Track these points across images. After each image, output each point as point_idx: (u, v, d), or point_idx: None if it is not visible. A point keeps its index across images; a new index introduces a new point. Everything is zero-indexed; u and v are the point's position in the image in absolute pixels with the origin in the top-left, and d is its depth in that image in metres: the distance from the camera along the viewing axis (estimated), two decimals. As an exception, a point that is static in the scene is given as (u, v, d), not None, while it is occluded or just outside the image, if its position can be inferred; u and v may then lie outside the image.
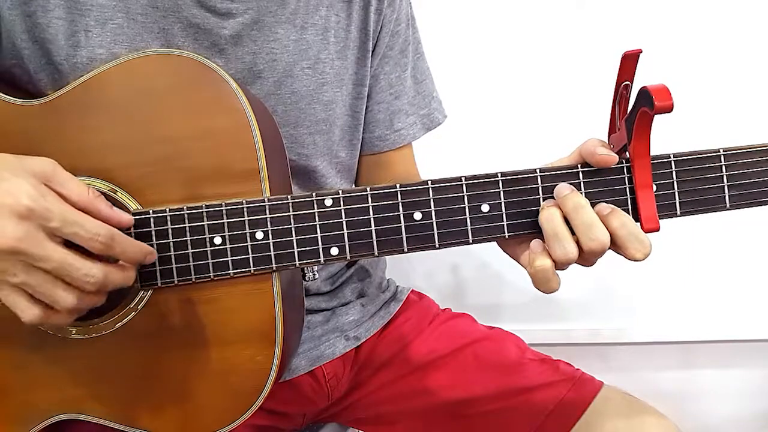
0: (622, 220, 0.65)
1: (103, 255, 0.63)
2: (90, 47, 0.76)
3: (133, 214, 0.69)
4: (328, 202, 0.69)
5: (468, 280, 1.52)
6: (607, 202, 0.67)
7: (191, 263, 0.70)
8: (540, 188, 0.67)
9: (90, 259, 0.62)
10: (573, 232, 0.66)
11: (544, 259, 0.66)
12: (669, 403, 1.05)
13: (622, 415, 0.88)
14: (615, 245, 0.65)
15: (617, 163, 0.67)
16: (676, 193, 0.67)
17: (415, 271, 1.52)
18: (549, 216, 0.66)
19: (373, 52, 0.93)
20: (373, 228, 0.69)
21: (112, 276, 0.63)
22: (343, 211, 0.69)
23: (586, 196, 0.67)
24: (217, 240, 0.70)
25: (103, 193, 0.70)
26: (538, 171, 0.67)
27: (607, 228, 0.65)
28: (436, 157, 1.05)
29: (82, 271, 0.60)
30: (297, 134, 0.87)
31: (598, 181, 0.67)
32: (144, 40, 0.78)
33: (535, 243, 0.67)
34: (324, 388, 0.96)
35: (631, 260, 0.64)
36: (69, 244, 0.61)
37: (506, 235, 0.68)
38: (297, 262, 0.70)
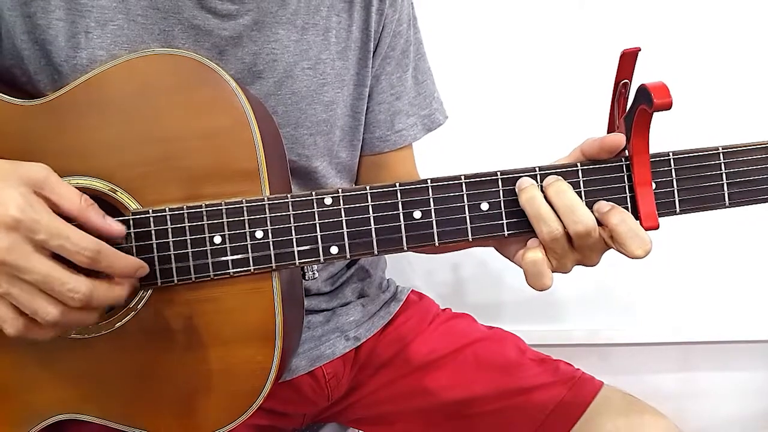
0: (622, 217, 0.65)
1: (90, 269, 0.62)
2: (90, 49, 0.76)
3: (133, 214, 0.69)
4: (328, 201, 0.69)
5: (468, 280, 1.52)
6: (606, 200, 0.67)
7: (191, 263, 0.70)
8: (540, 186, 0.67)
9: (77, 273, 0.60)
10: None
11: (536, 252, 0.66)
12: (669, 403, 1.05)
13: (622, 415, 0.88)
14: (615, 243, 0.65)
15: (616, 161, 0.67)
16: (676, 191, 0.67)
17: (415, 271, 1.52)
18: (530, 197, 0.66)
19: (374, 52, 0.93)
20: (372, 227, 0.69)
21: (98, 292, 0.61)
22: (342, 209, 0.69)
23: (585, 194, 0.67)
24: (217, 239, 0.70)
25: (102, 193, 0.70)
26: (537, 169, 0.67)
27: (606, 225, 0.65)
28: (437, 158, 1.05)
29: (66, 286, 0.59)
30: (297, 135, 0.87)
31: (598, 179, 0.67)
32: (144, 42, 0.78)
33: (532, 240, 0.67)
34: (324, 389, 0.96)
35: (632, 258, 0.64)
36: (59, 257, 0.60)
37: (506, 233, 0.68)
38: (297, 261, 0.70)
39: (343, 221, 0.69)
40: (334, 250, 0.70)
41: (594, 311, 1.52)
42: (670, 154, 0.67)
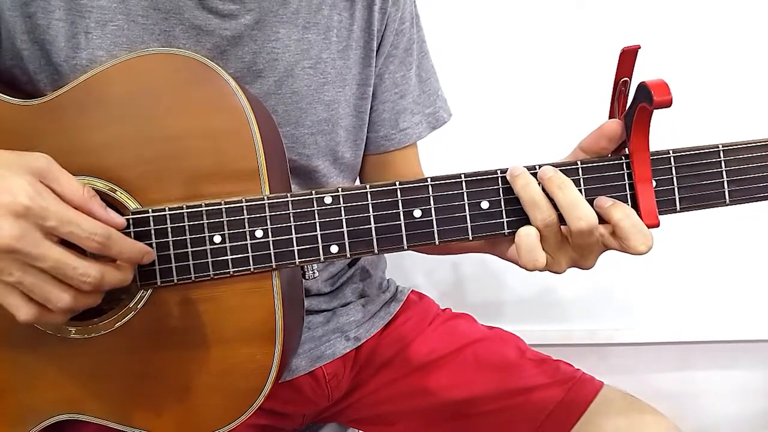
0: (626, 212, 0.65)
1: (99, 254, 0.62)
2: (90, 49, 0.77)
3: (132, 213, 0.69)
4: (328, 200, 0.69)
5: (468, 279, 1.53)
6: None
7: (191, 262, 0.70)
8: (540, 184, 0.67)
9: (87, 258, 0.61)
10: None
11: (530, 227, 0.66)
12: (668, 403, 1.05)
13: (622, 415, 0.88)
14: (617, 239, 0.65)
15: (616, 159, 0.67)
16: (676, 189, 0.67)
17: (416, 270, 1.52)
18: (524, 184, 0.66)
19: (377, 51, 0.93)
20: (372, 225, 0.69)
21: (109, 276, 0.63)
22: (342, 208, 0.69)
23: (585, 192, 0.67)
24: (217, 239, 0.69)
25: (102, 192, 0.70)
26: (537, 167, 0.67)
27: (609, 221, 0.65)
28: (440, 156, 1.05)
29: (78, 271, 0.60)
30: (298, 134, 0.87)
31: (598, 177, 0.67)
32: (145, 42, 0.78)
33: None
34: (324, 389, 0.96)
35: (635, 254, 0.64)
36: (66, 244, 0.61)
37: (506, 231, 0.68)
38: (297, 261, 0.70)
39: (343, 220, 0.69)
40: (334, 249, 0.69)
41: (594, 311, 1.53)
42: (671, 151, 0.67)
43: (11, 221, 0.57)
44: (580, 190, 0.67)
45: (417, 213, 0.69)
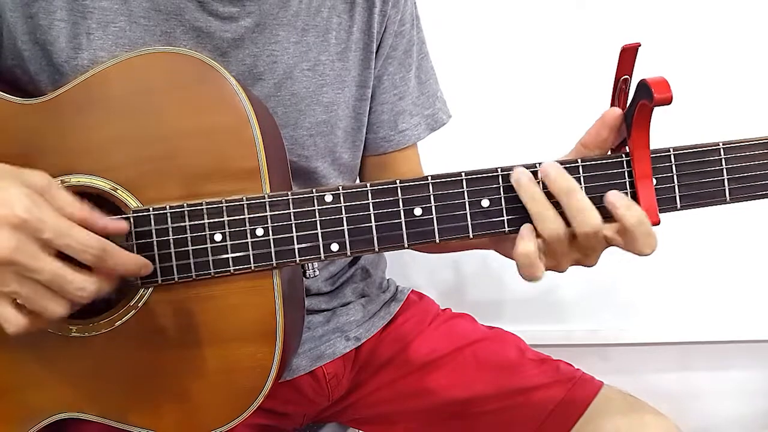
0: (641, 219, 0.64)
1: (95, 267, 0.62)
2: (91, 50, 0.77)
3: (133, 212, 0.69)
4: (329, 198, 0.69)
5: (468, 279, 1.52)
6: None
7: (191, 260, 0.70)
8: (540, 182, 0.67)
9: (83, 271, 0.61)
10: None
11: (528, 243, 0.66)
12: (669, 403, 1.05)
13: (622, 415, 0.88)
14: (625, 238, 0.65)
15: (617, 157, 0.67)
16: (676, 187, 0.67)
17: (416, 269, 1.51)
18: (531, 196, 0.66)
19: (376, 53, 0.93)
20: (373, 223, 0.69)
21: (105, 289, 0.63)
22: (343, 207, 0.69)
23: (585, 190, 0.66)
24: (218, 237, 0.69)
25: (103, 191, 0.70)
26: (538, 165, 0.67)
27: (619, 221, 0.65)
28: (440, 156, 1.05)
29: (74, 284, 0.60)
30: (297, 135, 0.87)
31: (598, 175, 0.67)
32: (146, 44, 0.78)
33: (525, 228, 0.67)
34: (324, 388, 0.96)
35: (639, 255, 0.64)
36: (64, 255, 0.60)
37: (506, 230, 0.68)
38: (297, 259, 0.70)
39: (344, 218, 0.69)
40: (334, 247, 0.69)
41: (594, 311, 1.52)
42: (671, 149, 0.67)
43: (8, 233, 0.57)
44: (581, 188, 0.67)
45: (418, 211, 0.69)
